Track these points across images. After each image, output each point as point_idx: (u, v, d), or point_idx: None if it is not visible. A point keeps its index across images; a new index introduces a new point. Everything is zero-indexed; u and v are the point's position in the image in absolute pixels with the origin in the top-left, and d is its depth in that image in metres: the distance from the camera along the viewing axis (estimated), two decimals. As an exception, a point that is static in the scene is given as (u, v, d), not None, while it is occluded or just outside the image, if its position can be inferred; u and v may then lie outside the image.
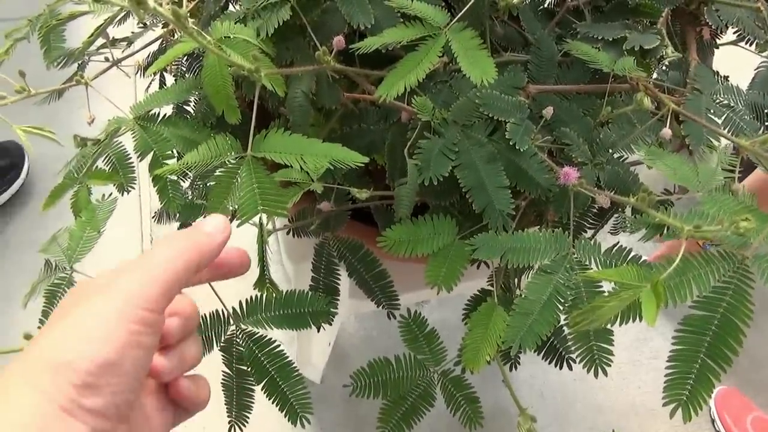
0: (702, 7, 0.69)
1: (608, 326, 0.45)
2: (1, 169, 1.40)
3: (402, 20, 0.55)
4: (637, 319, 0.41)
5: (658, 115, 0.55)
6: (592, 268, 0.48)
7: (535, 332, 0.46)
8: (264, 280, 0.49)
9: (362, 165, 0.44)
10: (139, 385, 0.32)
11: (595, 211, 0.60)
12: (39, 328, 0.61)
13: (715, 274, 0.40)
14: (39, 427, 0.28)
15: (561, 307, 0.47)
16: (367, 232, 0.68)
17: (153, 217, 0.79)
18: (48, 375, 0.29)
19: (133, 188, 0.67)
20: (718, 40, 0.77)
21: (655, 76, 0.66)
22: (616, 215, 0.62)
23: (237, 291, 0.57)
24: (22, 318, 1.35)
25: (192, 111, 0.68)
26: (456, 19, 0.48)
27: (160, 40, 0.71)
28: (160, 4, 0.39)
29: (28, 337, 0.49)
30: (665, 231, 0.46)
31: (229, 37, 0.51)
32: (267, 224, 0.61)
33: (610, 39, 0.62)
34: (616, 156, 0.58)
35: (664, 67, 0.66)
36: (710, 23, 0.67)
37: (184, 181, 0.68)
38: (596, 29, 0.64)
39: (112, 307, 0.31)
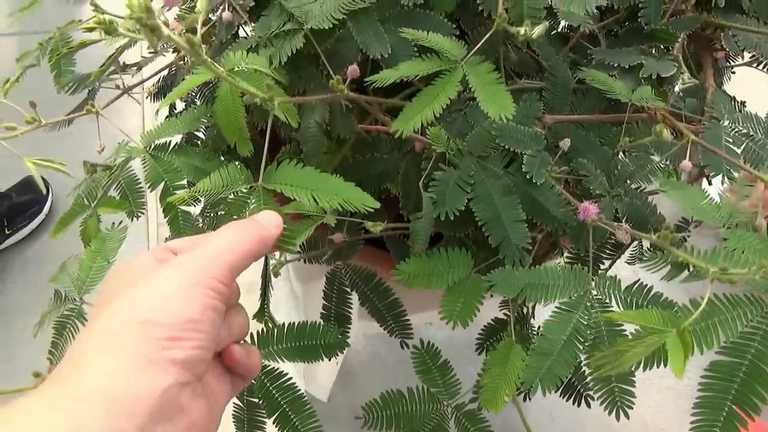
0: (718, 32, 0.68)
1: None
2: (22, 204, 1.41)
3: (417, 50, 0.54)
4: (662, 364, 0.40)
5: (677, 146, 0.54)
6: (612, 306, 0.47)
7: (554, 373, 0.45)
8: (263, 312, 0.48)
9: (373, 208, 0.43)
10: (214, 345, 0.34)
11: (612, 242, 0.59)
12: (48, 359, 0.61)
13: (743, 319, 0.39)
14: (124, 376, 0.29)
15: (581, 347, 0.46)
16: (379, 257, 0.67)
17: (166, 240, 0.78)
18: (133, 331, 0.31)
19: (143, 213, 0.66)
20: (731, 63, 0.76)
21: (671, 101, 0.65)
22: (633, 245, 0.61)
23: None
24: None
25: (203, 136, 0.67)
26: (472, 52, 0.48)
27: (171, 66, 0.70)
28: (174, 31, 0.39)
29: (37, 375, 0.48)
30: (689, 270, 0.45)
31: (242, 68, 0.51)
32: (280, 257, 0.60)
33: (626, 66, 0.61)
34: (633, 186, 0.57)
35: (680, 93, 0.65)
36: (727, 48, 0.66)
37: (194, 206, 0.67)
38: (611, 55, 0.63)
39: (188, 276, 0.34)
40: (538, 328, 0.48)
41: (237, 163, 0.42)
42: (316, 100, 0.52)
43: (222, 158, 0.59)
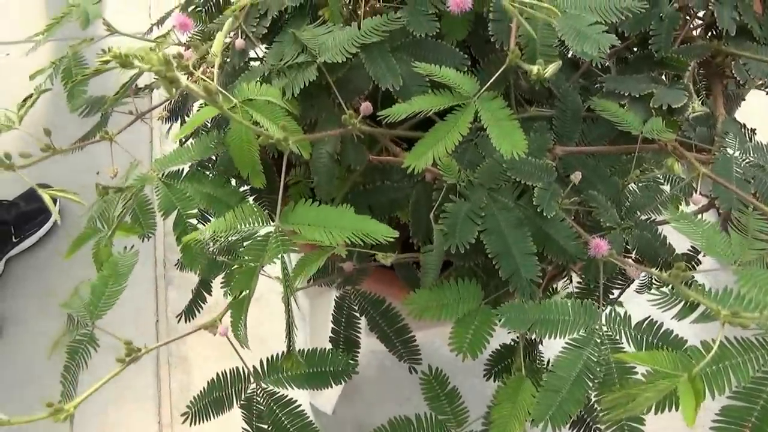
0: (728, 59, 0.68)
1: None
2: (30, 213, 1.42)
3: (428, 81, 0.54)
4: (673, 409, 0.40)
5: (687, 179, 0.54)
6: (622, 343, 0.48)
7: (564, 411, 0.45)
8: (292, 356, 0.48)
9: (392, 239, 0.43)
10: None
11: (623, 271, 0.59)
12: (61, 383, 0.62)
13: (755, 364, 0.39)
14: None
15: (591, 384, 0.46)
16: (387, 276, 0.68)
17: (176, 265, 0.79)
18: None
19: (153, 234, 0.66)
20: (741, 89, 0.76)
21: (681, 128, 0.65)
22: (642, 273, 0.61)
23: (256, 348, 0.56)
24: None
25: (214, 156, 0.67)
26: (484, 88, 0.48)
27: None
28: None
29: (50, 405, 0.48)
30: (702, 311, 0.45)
31: (254, 99, 0.51)
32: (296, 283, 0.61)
33: (637, 95, 0.61)
34: (643, 218, 0.57)
35: (690, 121, 0.65)
36: (737, 77, 0.66)
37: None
38: (622, 84, 0.63)
39: None
40: (548, 362, 0.49)
41: (252, 202, 0.42)
42: (329, 136, 0.52)
43: (234, 184, 0.59)
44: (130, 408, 1.26)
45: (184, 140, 0.77)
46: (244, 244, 0.48)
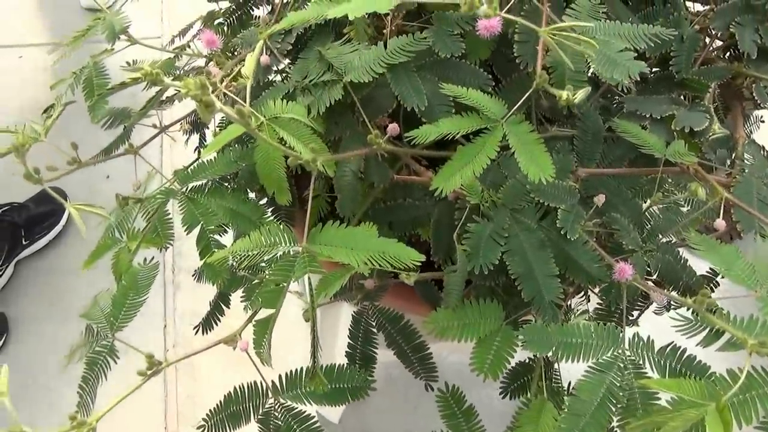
0: (749, 81, 0.69)
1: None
2: (40, 216, 1.42)
3: (452, 101, 0.55)
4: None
5: (709, 204, 0.54)
6: (645, 368, 0.48)
7: (587, 436, 0.45)
8: (318, 376, 0.48)
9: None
10: None
11: (643, 293, 0.59)
12: (78, 393, 0.62)
13: (782, 394, 0.40)
14: None
15: (614, 409, 0.46)
16: (405, 293, 0.68)
17: (193, 275, 0.79)
18: None
19: (171, 244, 0.67)
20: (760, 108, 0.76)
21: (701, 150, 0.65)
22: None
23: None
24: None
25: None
26: (512, 111, 0.48)
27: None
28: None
29: (73, 418, 0.48)
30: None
31: (280, 117, 0.51)
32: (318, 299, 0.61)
33: (658, 117, 0.62)
34: (664, 240, 0.57)
35: (710, 143, 0.65)
36: (758, 100, 0.66)
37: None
38: (643, 105, 0.63)
39: None
40: (569, 385, 0.49)
41: (279, 222, 0.43)
42: (355, 155, 0.53)
43: (254, 199, 0.59)
44: (136, 413, 1.26)
45: (199, 151, 0.78)
46: (265, 259, 0.48)
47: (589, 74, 0.71)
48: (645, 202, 0.56)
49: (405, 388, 1.37)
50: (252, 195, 0.64)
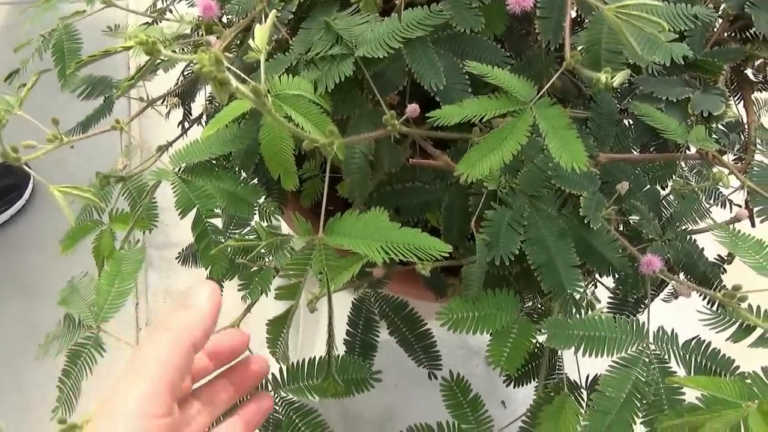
0: (760, 63, 0.67)
1: None
2: (2, 189, 1.35)
3: (468, 80, 0.51)
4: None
5: (731, 191, 0.53)
6: (670, 363, 0.46)
7: (614, 434, 0.44)
8: (331, 377, 0.45)
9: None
10: None
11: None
12: (58, 387, 0.57)
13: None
14: None
15: (639, 405, 0.45)
16: (408, 279, 0.65)
17: (177, 257, 0.74)
18: None
19: (156, 226, 0.62)
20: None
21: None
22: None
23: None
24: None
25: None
26: (540, 93, 0.45)
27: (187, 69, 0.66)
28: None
29: (62, 421, 0.44)
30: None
31: (282, 93, 0.47)
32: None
33: (674, 99, 0.59)
34: (682, 228, 0.55)
35: (721, 126, 0.64)
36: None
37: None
38: (658, 87, 0.61)
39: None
40: (588, 379, 0.47)
41: (295, 214, 0.39)
42: (370, 137, 0.49)
43: (255, 181, 0.55)
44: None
45: (183, 126, 0.72)
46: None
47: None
48: (673, 188, 0.54)
49: (384, 365, 1.36)
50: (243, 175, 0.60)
